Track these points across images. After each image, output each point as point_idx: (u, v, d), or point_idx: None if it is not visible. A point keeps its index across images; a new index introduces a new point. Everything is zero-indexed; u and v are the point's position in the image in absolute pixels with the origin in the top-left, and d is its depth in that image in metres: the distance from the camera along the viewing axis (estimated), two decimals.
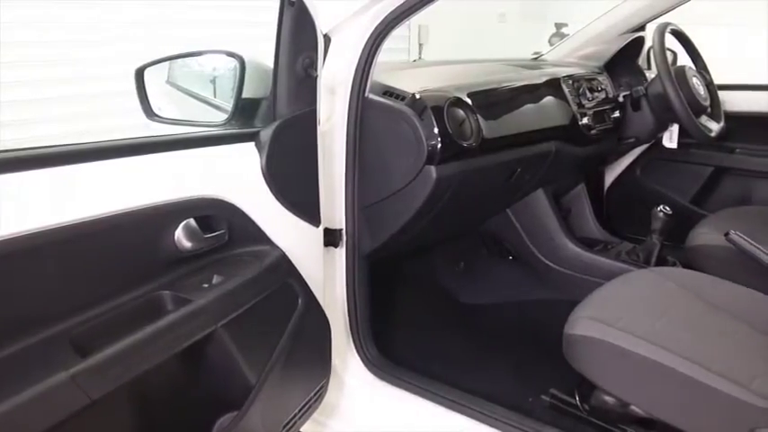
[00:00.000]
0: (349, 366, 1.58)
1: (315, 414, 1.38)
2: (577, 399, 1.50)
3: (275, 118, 1.21)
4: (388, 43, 1.39)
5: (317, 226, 1.34)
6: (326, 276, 1.45)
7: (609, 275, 1.60)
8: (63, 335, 0.88)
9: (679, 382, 1.12)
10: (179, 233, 1.03)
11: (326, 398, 1.42)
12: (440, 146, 1.42)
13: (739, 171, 2.36)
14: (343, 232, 1.48)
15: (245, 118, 1.26)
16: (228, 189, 1.12)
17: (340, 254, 1.50)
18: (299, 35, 1.18)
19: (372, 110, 1.43)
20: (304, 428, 1.36)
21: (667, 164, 2.44)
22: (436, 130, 1.41)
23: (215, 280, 1.08)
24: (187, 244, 1.04)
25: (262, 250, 1.19)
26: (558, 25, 4.35)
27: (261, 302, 1.13)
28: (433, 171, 1.44)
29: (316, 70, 1.23)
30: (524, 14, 4.90)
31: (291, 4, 1.15)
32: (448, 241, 2.29)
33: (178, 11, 3.14)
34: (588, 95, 2.00)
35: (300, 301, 1.26)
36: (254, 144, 1.18)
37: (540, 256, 2.09)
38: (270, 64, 1.21)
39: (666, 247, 2.02)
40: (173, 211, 1.03)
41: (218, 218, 1.11)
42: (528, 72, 1.92)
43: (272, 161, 1.18)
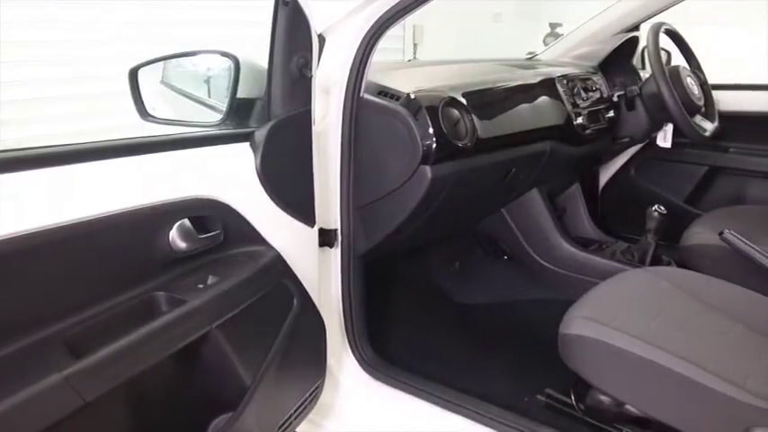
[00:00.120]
0: (344, 366, 1.57)
1: (310, 414, 1.38)
2: (573, 398, 1.50)
3: (270, 118, 1.21)
4: (382, 43, 1.39)
5: (311, 226, 1.34)
6: (322, 277, 1.44)
7: (604, 275, 1.60)
8: (57, 336, 0.87)
9: (674, 381, 1.13)
10: (173, 234, 1.03)
11: (322, 398, 1.41)
12: (435, 146, 1.41)
13: (733, 170, 2.37)
14: (338, 232, 1.48)
15: (239, 118, 1.26)
16: (223, 189, 1.11)
17: (335, 254, 1.50)
18: (293, 35, 1.18)
19: (367, 110, 1.43)
20: (299, 429, 1.36)
21: (662, 163, 2.45)
22: (431, 129, 1.41)
23: (210, 280, 1.08)
24: (182, 244, 1.04)
25: (257, 251, 1.19)
26: (553, 25, 4.36)
27: (256, 303, 1.13)
28: (428, 171, 1.44)
29: (310, 70, 1.22)
30: (519, 14, 4.91)
31: (286, 3, 1.15)
32: (443, 241, 2.29)
33: (178, 11, 3.14)
34: (583, 95, 2.00)
35: (295, 301, 1.26)
36: (249, 144, 1.18)
37: (535, 255, 2.09)
38: (264, 64, 1.20)
39: (661, 246, 2.02)
40: (167, 211, 1.02)
41: (212, 218, 1.11)
42: (523, 72, 1.92)
43: (267, 161, 1.18)
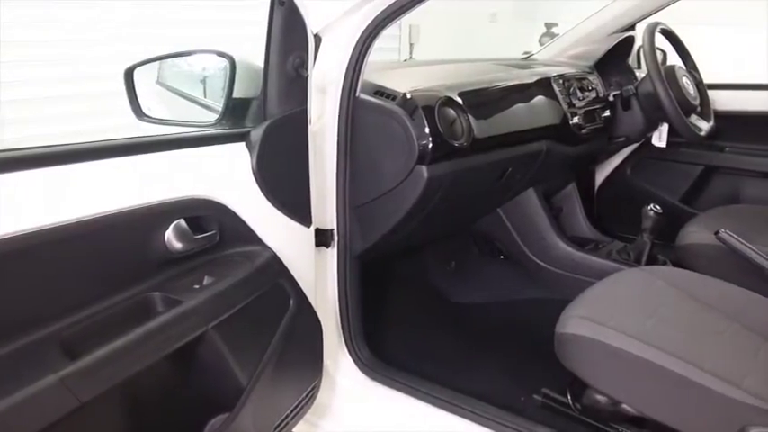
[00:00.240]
0: (341, 366, 1.57)
1: (307, 415, 1.38)
2: (569, 398, 1.50)
3: (266, 118, 1.20)
4: (378, 43, 1.39)
5: (308, 226, 1.34)
6: (318, 277, 1.44)
7: (600, 274, 1.60)
8: (52, 337, 0.87)
9: (670, 380, 1.13)
10: (169, 234, 1.03)
11: (318, 398, 1.41)
12: (431, 145, 1.41)
13: (729, 170, 2.37)
14: (335, 232, 1.48)
15: (235, 118, 1.25)
16: (219, 189, 1.11)
17: (331, 254, 1.50)
18: (289, 35, 1.18)
19: (363, 110, 1.42)
20: (296, 429, 1.36)
21: (657, 163, 2.45)
22: (427, 129, 1.41)
23: (206, 281, 1.08)
24: (177, 245, 1.04)
25: (253, 251, 1.18)
26: (549, 25, 4.36)
27: (252, 303, 1.13)
28: (424, 171, 1.43)
29: (306, 70, 1.22)
30: (515, 14, 4.91)
31: (282, 3, 1.14)
32: (439, 241, 2.29)
33: (176, 11, 3.13)
34: (579, 95, 2.00)
35: (292, 301, 1.26)
36: (245, 144, 1.17)
37: (532, 255, 2.09)
38: (260, 64, 1.20)
39: (657, 245, 2.02)
40: (163, 211, 1.02)
41: (208, 218, 1.11)
42: (519, 72, 1.92)
43: (263, 161, 1.18)
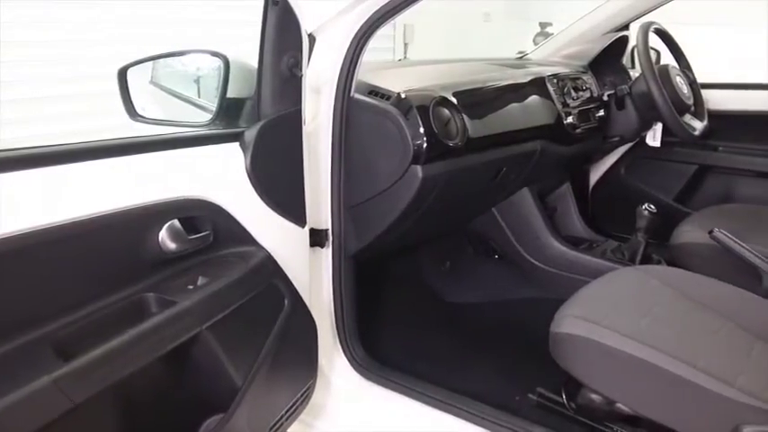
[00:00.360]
0: (336, 367, 1.57)
1: (302, 415, 1.38)
2: (564, 397, 1.50)
3: (260, 118, 1.20)
4: (373, 42, 1.39)
5: (302, 226, 1.34)
6: (313, 277, 1.44)
7: (594, 274, 1.60)
8: (45, 338, 0.87)
9: (664, 379, 1.13)
10: (163, 234, 1.02)
11: (313, 398, 1.41)
12: (425, 145, 1.41)
13: (723, 169, 2.38)
14: (329, 232, 1.47)
15: (229, 118, 1.25)
16: (213, 190, 1.11)
17: (326, 254, 1.49)
18: (283, 35, 1.18)
19: (358, 109, 1.42)
20: (291, 429, 1.35)
21: (651, 162, 2.46)
22: (422, 129, 1.41)
23: (200, 281, 1.07)
24: (171, 245, 1.03)
25: (247, 251, 1.18)
26: (543, 24, 4.37)
27: (246, 304, 1.13)
28: (418, 171, 1.43)
29: (300, 70, 1.22)
30: (509, 14, 4.91)
31: (276, 3, 1.14)
32: (434, 240, 2.29)
33: (175, 11, 3.13)
34: (573, 94, 2.00)
35: (286, 301, 1.25)
36: (239, 144, 1.17)
37: (526, 254, 2.09)
38: (254, 63, 1.20)
39: (651, 245, 2.03)
40: (156, 212, 1.02)
41: (202, 219, 1.10)
42: (513, 71, 1.93)
43: (257, 161, 1.17)
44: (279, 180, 1.25)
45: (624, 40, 2.29)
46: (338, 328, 1.55)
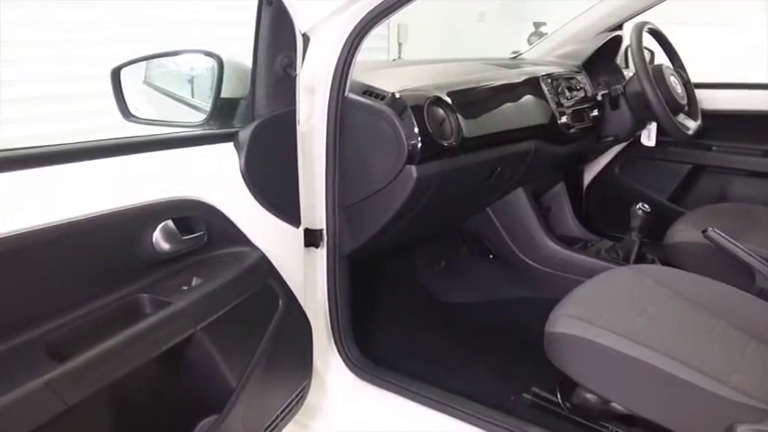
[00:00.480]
0: (330, 367, 1.57)
1: (297, 416, 1.38)
2: (559, 397, 1.50)
3: (254, 118, 1.20)
4: (367, 42, 1.39)
5: (297, 226, 1.33)
6: (307, 277, 1.44)
7: (589, 273, 1.60)
8: (38, 340, 0.86)
9: (659, 378, 1.13)
10: (157, 235, 1.02)
11: (308, 399, 1.41)
12: (420, 145, 1.41)
13: (716, 169, 2.39)
14: (324, 233, 1.47)
15: (223, 118, 1.25)
16: (207, 190, 1.11)
17: (321, 254, 1.49)
18: (277, 34, 1.17)
19: (352, 109, 1.42)
20: (286, 430, 1.35)
21: (645, 162, 2.46)
22: (416, 129, 1.41)
23: (194, 282, 1.07)
24: (165, 246, 1.03)
25: (241, 252, 1.18)
26: (537, 24, 4.37)
27: (241, 304, 1.12)
28: (413, 170, 1.43)
29: (295, 70, 1.22)
30: (503, 13, 4.91)
31: (270, 3, 1.14)
32: (428, 240, 2.29)
33: (174, 11, 3.13)
34: (567, 94, 2.00)
35: (281, 302, 1.25)
36: (233, 144, 1.17)
37: (521, 254, 2.10)
38: (248, 63, 1.20)
39: (645, 244, 2.04)
40: (150, 212, 1.01)
41: (196, 219, 1.10)
42: (507, 71, 1.93)
43: (252, 161, 1.17)
44: (273, 180, 1.25)
45: (618, 39, 2.29)
46: (333, 328, 1.55)
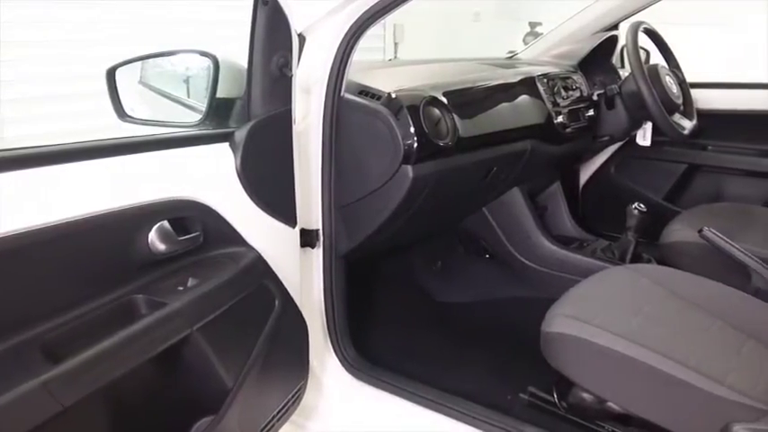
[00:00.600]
0: (327, 367, 1.57)
1: (293, 416, 1.37)
2: (555, 396, 1.50)
3: (250, 118, 1.20)
4: (363, 42, 1.39)
5: (293, 227, 1.33)
6: (303, 277, 1.44)
7: (585, 273, 1.61)
8: (34, 341, 0.86)
9: (655, 378, 1.13)
10: (152, 236, 1.02)
11: (305, 399, 1.41)
12: (416, 145, 1.41)
13: (712, 168, 2.39)
14: (320, 233, 1.47)
15: (219, 118, 1.24)
16: (203, 190, 1.10)
17: (317, 254, 1.49)
18: (273, 34, 1.17)
19: (348, 109, 1.42)
20: (282, 430, 1.35)
21: (641, 161, 2.47)
22: (412, 129, 1.41)
23: (190, 283, 1.07)
24: (161, 246, 1.03)
25: (237, 252, 1.18)
26: (533, 24, 4.38)
27: (237, 305, 1.12)
28: (409, 170, 1.43)
29: (290, 70, 1.22)
30: (499, 13, 4.92)
31: (265, 3, 1.14)
32: (425, 240, 2.29)
33: (174, 10, 3.12)
34: (563, 94, 2.00)
35: (277, 302, 1.25)
36: (229, 144, 1.16)
37: (517, 254, 2.10)
38: (244, 63, 1.19)
39: (641, 244, 2.04)
40: (146, 213, 1.01)
41: (192, 219, 1.10)
42: (503, 71, 1.93)
43: (247, 162, 1.17)
44: (269, 180, 1.24)
45: (614, 39, 2.29)
46: (329, 328, 1.55)
